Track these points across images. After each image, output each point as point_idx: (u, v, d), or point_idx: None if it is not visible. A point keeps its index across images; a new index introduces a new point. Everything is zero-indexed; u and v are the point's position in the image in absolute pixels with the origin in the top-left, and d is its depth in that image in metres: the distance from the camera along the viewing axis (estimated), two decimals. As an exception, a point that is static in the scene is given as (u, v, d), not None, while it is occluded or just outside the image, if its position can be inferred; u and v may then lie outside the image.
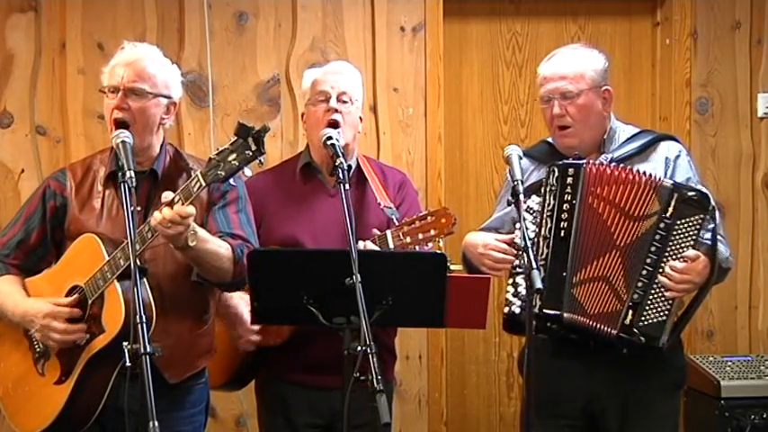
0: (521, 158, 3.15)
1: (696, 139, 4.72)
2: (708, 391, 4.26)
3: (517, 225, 3.20)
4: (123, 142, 2.92)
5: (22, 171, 4.42)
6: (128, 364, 2.60)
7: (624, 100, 4.81)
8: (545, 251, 3.16)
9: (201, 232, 2.95)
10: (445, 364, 4.66)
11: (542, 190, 3.20)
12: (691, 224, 3.10)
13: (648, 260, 3.11)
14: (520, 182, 3.06)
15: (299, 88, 4.49)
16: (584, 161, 3.21)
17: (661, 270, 3.09)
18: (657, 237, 3.11)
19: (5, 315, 3.11)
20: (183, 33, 4.49)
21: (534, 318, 3.05)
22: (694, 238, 3.10)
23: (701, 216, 3.10)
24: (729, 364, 4.38)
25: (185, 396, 3.15)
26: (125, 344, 2.63)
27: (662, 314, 3.10)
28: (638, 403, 3.23)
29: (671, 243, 3.10)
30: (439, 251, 3.27)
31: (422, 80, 4.59)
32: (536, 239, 3.17)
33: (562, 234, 3.16)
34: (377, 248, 3.24)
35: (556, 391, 3.21)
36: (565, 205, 3.17)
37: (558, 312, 3.14)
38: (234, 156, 2.80)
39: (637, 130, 3.40)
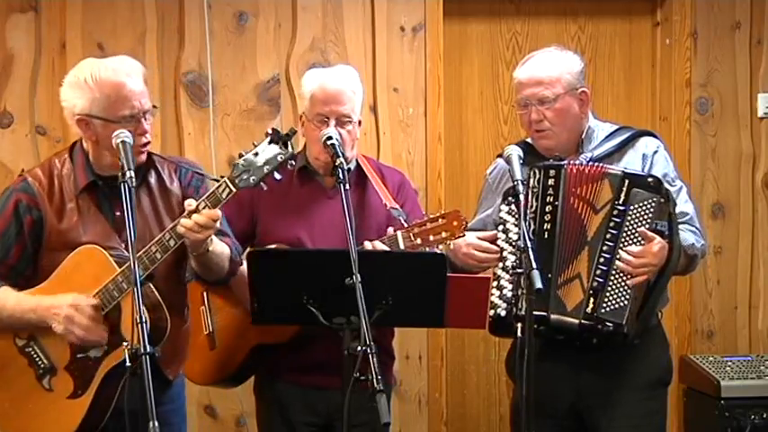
0: (521, 158, 3.16)
1: (696, 139, 4.72)
2: (708, 391, 4.26)
3: (500, 227, 3.24)
4: (123, 142, 2.91)
5: (23, 171, 4.41)
6: (128, 363, 2.61)
7: (624, 100, 4.81)
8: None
9: (214, 238, 2.99)
10: (445, 364, 4.66)
11: (524, 191, 3.20)
12: (644, 208, 3.12)
13: (605, 247, 3.14)
14: (520, 182, 3.07)
15: (299, 88, 4.48)
16: (565, 162, 3.22)
17: (618, 256, 3.11)
18: (612, 224, 3.14)
19: (24, 315, 3.00)
20: (183, 33, 4.49)
21: (521, 320, 3.06)
22: (648, 221, 3.11)
23: (654, 199, 3.12)
24: (729, 364, 4.38)
25: (173, 389, 3.18)
26: (125, 344, 2.64)
27: (622, 299, 3.12)
28: (623, 401, 3.25)
29: (626, 228, 3.13)
30: (439, 251, 3.27)
31: (422, 80, 4.59)
32: (518, 241, 3.18)
33: (546, 236, 3.19)
34: (386, 248, 3.23)
35: (543, 392, 3.21)
36: (547, 207, 3.19)
37: (545, 314, 3.15)
38: (263, 160, 2.84)
39: (614, 127, 3.42)
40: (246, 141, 3.54)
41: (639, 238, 3.11)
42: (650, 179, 3.16)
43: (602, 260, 3.13)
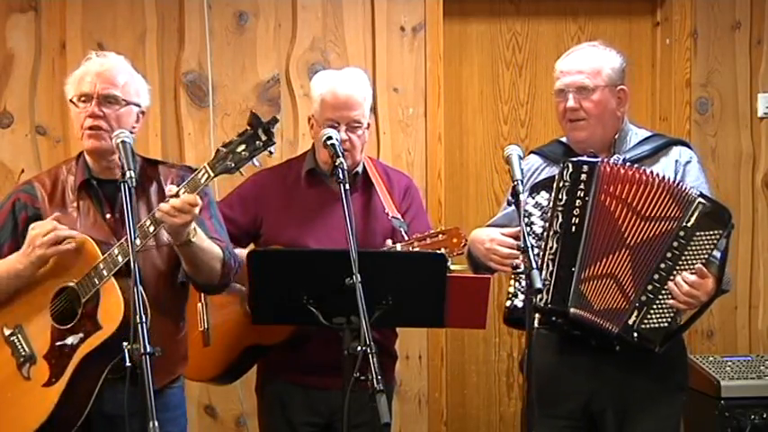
0: (521, 158, 3.15)
1: (696, 139, 4.71)
2: (708, 391, 4.26)
3: (525, 220, 3.20)
4: (123, 142, 2.91)
5: (22, 171, 4.42)
6: (127, 363, 2.61)
7: (624, 100, 4.81)
8: (554, 246, 3.15)
9: (199, 231, 2.98)
10: (445, 364, 4.66)
11: (554, 185, 3.18)
12: (708, 238, 3.09)
13: (663, 265, 3.10)
14: (520, 182, 3.06)
15: (299, 88, 4.52)
16: (599, 159, 3.21)
17: (672, 277, 3.09)
18: (675, 244, 3.10)
19: (11, 270, 3.03)
20: (183, 33, 4.49)
21: (539, 311, 3.06)
22: (709, 251, 3.09)
23: (720, 232, 3.09)
24: (729, 364, 4.37)
25: (166, 399, 3.14)
26: (125, 344, 2.63)
27: (665, 320, 3.10)
28: (640, 404, 3.23)
29: (686, 253, 3.09)
30: (439, 251, 3.27)
31: (422, 80, 4.59)
32: (544, 234, 3.17)
33: (573, 230, 3.15)
34: None
35: (557, 389, 3.21)
36: (577, 201, 3.16)
37: (564, 307, 3.13)
38: (243, 146, 2.86)
39: (649, 133, 3.40)
40: (246, 141, 3.56)
41: (695, 266, 3.08)
42: (722, 210, 3.12)
43: (656, 277, 3.10)
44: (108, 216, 3.10)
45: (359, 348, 2.79)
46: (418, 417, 4.62)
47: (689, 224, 3.10)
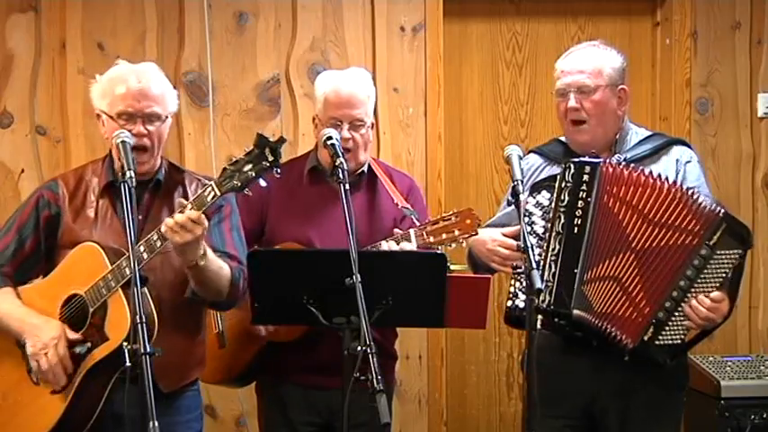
0: (521, 158, 3.14)
1: (696, 139, 4.72)
2: (708, 391, 4.26)
3: (525, 219, 3.19)
4: (123, 142, 2.92)
5: (22, 171, 4.42)
6: (128, 363, 2.61)
7: (624, 100, 4.81)
8: (557, 247, 3.14)
9: (209, 253, 2.97)
10: (445, 364, 4.66)
11: (556, 186, 3.18)
12: (728, 257, 3.09)
13: (682, 282, 3.09)
14: (520, 182, 3.05)
15: (299, 88, 4.52)
16: (601, 160, 3.20)
17: (690, 295, 3.08)
18: (696, 262, 3.08)
19: (10, 322, 3.05)
20: (183, 33, 4.49)
21: (542, 312, 3.05)
22: (728, 270, 3.09)
23: (739, 252, 3.10)
24: (729, 364, 4.38)
25: (179, 402, 3.14)
26: (125, 344, 2.64)
27: (678, 337, 3.11)
28: (642, 404, 3.23)
29: (706, 271, 3.08)
30: (440, 251, 3.27)
31: (422, 80, 4.59)
32: (546, 235, 3.17)
33: (575, 231, 3.15)
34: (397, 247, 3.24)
35: (559, 390, 3.21)
36: (579, 202, 3.15)
37: (567, 308, 3.12)
38: (250, 166, 2.84)
39: (648, 132, 3.40)
40: (246, 141, 3.52)
41: (713, 285, 3.08)
42: (743, 229, 3.12)
43: (675, 294, 3.09)
44: (140, 217, 3.07)
45: (359, 348, 2.79)
46: (418, 417, 4.62)
47: (711, 242, 3.08)
